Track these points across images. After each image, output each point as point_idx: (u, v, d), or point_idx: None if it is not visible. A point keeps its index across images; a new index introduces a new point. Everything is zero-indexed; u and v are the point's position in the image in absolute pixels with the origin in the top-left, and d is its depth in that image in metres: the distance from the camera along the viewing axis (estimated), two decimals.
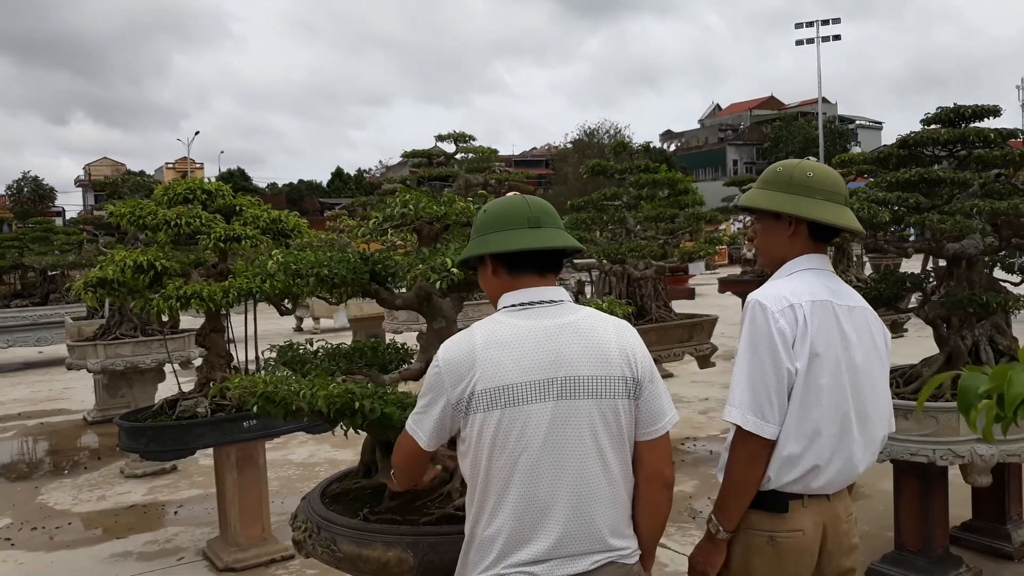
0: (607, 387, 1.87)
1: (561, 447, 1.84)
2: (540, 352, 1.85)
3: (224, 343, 4.94)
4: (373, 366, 2.86)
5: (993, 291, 4.17)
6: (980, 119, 4.27)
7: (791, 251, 2.23)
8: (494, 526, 1.85)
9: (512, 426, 1.83)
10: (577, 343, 1.88)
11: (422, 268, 2.37)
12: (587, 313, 1.96)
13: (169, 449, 4.53)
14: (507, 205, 2.01)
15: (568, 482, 1.84)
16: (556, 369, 1.85)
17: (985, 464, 3.83)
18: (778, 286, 2.16)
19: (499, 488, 1.84)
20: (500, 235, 1.96)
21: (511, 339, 1.87)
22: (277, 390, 2.23)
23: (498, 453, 1.84)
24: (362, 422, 2.20)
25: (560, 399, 1.84)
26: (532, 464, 1.82)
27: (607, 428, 1.87)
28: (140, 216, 4.64)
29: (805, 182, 2.18)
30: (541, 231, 1.95)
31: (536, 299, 1.94)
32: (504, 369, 1.84)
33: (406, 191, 2.66)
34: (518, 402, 1.83)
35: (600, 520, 1.87)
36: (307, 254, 2.68)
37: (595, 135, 41.70)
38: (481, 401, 1.84)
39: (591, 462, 1.86)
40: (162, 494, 6.44)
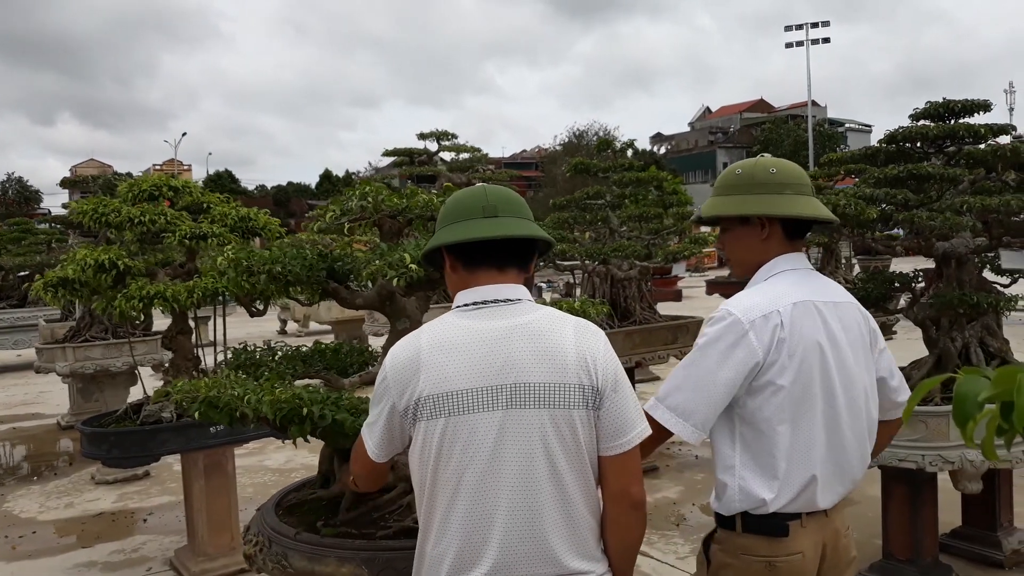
0: (562, 396, 1.70)
1: (509, 461, 1.68)
2: (488, 356, 1.70)
3: (191, 345, 4.77)
4: (332, 369, 2.70)
5: (984, 291, 4.05)
6: (970, 114, 4.15)
7: (767, 254, 2.09)
8: (442, 545, 1.70)
9: (457, 437, 1.68)
10: (529, 346, 1.71)
11: (379, 264, 2.22)
12: (544, 313, 1.79)
13: (132, 456, 4.36)
14: (463, 195, 1.86)
15: (517, 499, 1.68)
16: (505, 375, 1.69)
17: (975, 471, 3.70)
18: (754, 294, 2.02)
19: (445, 503, 1.69)
20: (453, 227, 1.81)
21: (458, 342, 1.71)
22: (220, 395, 2.07)
23: (443, 465, 1.69)
24: (312, 429, 2.05)
25: (509, 408, 1.68)
26: (479, 479, 1.67)
27: (562, 441, 1.70)
28: (103, 213, 4.47)
29: (770, 179, 2.05)
30: (496, 220, 1.78)
31: (490, 297, 1.77)
32: (448, 374, 1.69)
33: (366, 183, 2.50)
34: (463, 410, 1.67)
35: (555, 541, 1.69)
36: (261, 250, 2.52)
37: (584, 137, 41.59)
38: (425, 408, 1.69)
39: (542, 478, 1.69)
40: (132, 501, 6.25)
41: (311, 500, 2.51)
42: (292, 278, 2.43)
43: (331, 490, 2.47)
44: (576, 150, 39.09)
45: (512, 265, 1.82)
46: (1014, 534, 4.45)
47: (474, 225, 1.78)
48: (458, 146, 9.08)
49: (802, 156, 52.35)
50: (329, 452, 2.59)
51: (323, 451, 2.62)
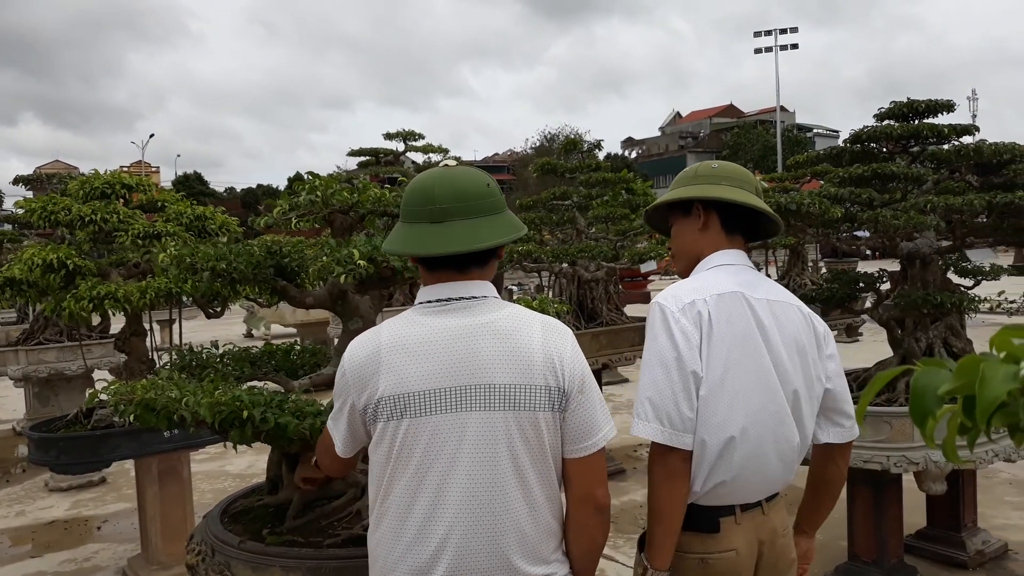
0: (527, 397, 1.63)
1: (472, 464, 1.61)
2: (450, 355, 1.62)
3: (145, 348, 4.63)
4: (282, 371, 2.60)
5: (948, 292, 4.04)
6: (934, 114, 4.14)
7: (704, 246, 2.08)
8: (397, 551, 1.62)
9: (418, 438, 1.60)
10: (493, 346, 1.64)
11: (326, 261, 2.12)
12: (510, 312, 1.71)
13: (82, 461, 4.21)
14: (413, 189, 1.74)
15: (479, 503, 1.61)
16: (468, 376, 1.62)
17: (940, 471, 3.68)
18: (682, 284, 2.00)
19: (403, 506, 1.62)
20: (401, 231, 1.72)
21: (418, 340, 1.64)
22: (157, 398, 1.97)
23: (403, 467, 1.62)
24: (253, 433, 1.95)
25: (473, 410, 1.61)
26: (439, 482, 1.60)
27: (527, 444, 1.63)
28: (52, 212, 4.33)
29: (710, 172, 2.08)
30: (444, 228, 1.66)
31: (455, 295, 1.69)
32: (409, 374, 1.61)
33: (316, 177, 2.41)
34: (424, 412, 1.60)
35: (515, 546, 1.63)
36: (205, 247, 2.42)
37: (555, 140, 41.63)
38: (384, 409, 1.63)
39: (506, 482, 1.62)
40: (87, 508, 6.07)
41: (258, 507, 2.40)
42: (237, 275, 2.33)
43: (278, 496, 2.37)
44: (547, 153, 39.14)
45: (472, 265, 1.73)
46: (978, 535, 4.45)
47: (420, 233, 1.68)
48: (426, 146, 8.98)
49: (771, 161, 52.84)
50: (277, 457, 2.49)
51: (271, 456, 2.52)
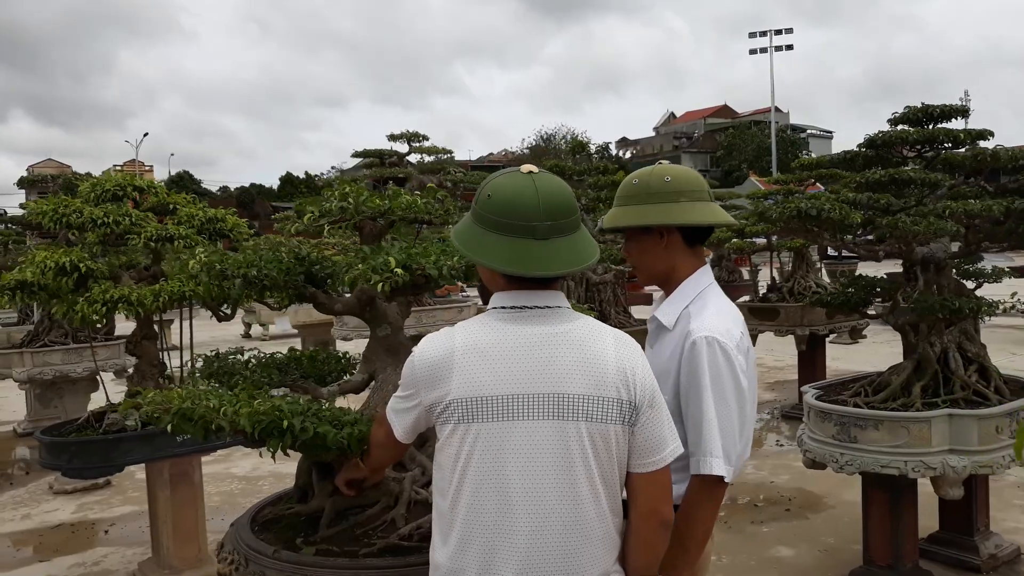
0: (599, 409, 1.63)
1: (543, 473, 1.60)
2: (525, 362, 1.62)
3: (156, 351, 4.61)
4: (310, 378, 2.59)
5: (962, 296, 4.05)
6: (948, 119, 4.16)
7: (670, 262, 2.15)
8: (464, 558, 1.61)
9: (489, 445, 1.60)
10: (569, 355, 1.64)
11: (362, 269, 2.11)
12: (584, 322, 1.72)
13: (94, 466, 4.19)
14: (513, 199, 1.67)
15: (548, 513, 1.61)
16: (543, 383, 1.61)
17: (957, 476, 3.69)
18: (716, 317, 2.05)
19: (471, 514, 1.61)
20: (499, 243, 1.66)
21: (495, 345, 1.63)
22: (194, 407, 1.95)
23: (472, 474, 1.61)
24: (292, 442, 1.94)
25: (546, 418, 1.61)
26: (509, 491, 1.60)
27: (596, 455, 1.63)
28: (64, 214, 4.30)
29: (665, 188, 2.10)
30: (548, 246, 1.64)
31: (529, 303, 1.69)
32: (483, 379, 1.61)
33: (345, 183, 2.40)
34: (496, 417, 1.60)
35: (584, 559, 1.64)
36: (235, 254, 2.41)
37: (552, 140, 41.64)
38: (455, 412, 1.62)
39: (580, 494, 1.62)
40: (93, 511, 6.04)
41: (288, 515, 2.39)
42: (268, 283, 2.32)
43: (310, 505, 2.36)
44: (543, 154, 39.15)
45: (557, 280, 1.74)
46: (990, 538, 4.46)
47: (525, 250, 1.64)
48: (430, 148, 8.96)
49: (765, 161, 53.03)
50: (307, 465, 2.47)
51: (300, 464, 2.50)
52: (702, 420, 1.94)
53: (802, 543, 4.85)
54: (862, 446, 3.77)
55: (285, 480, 6.80)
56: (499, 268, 1.66)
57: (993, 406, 3.80)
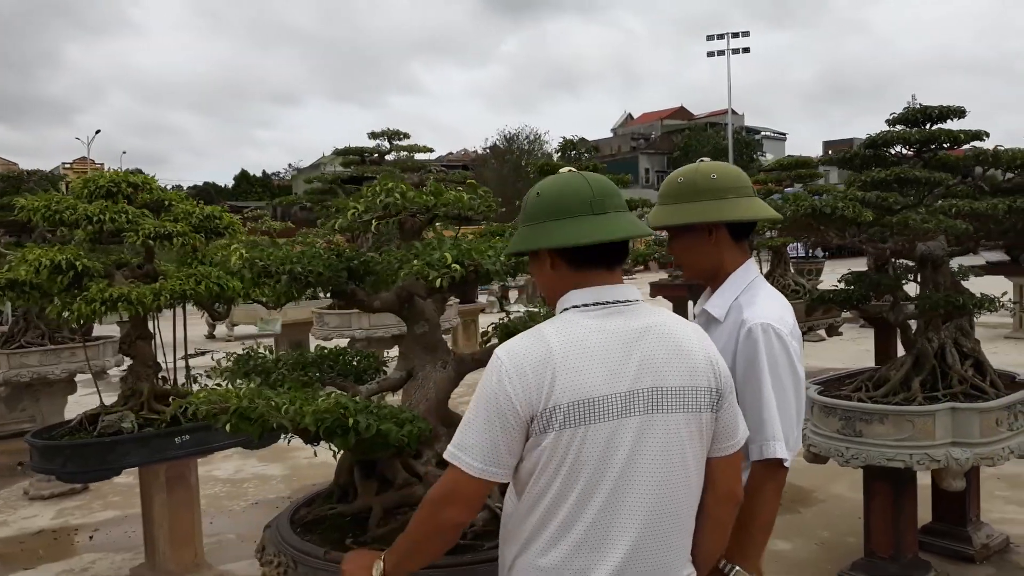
0: (694, 399, 1.65)
1: (646, 469, 1.60)
2: (627, 358, 1.61)
3: (151, 351, 4.50)
4: (348, 376, 2.55)
5: (958, 293, 4.15)
6: (944, 120, 4.25)
7: (718, 257, 2.17)
8: (553, 555, 1.60)
9: (594, 446, 1.58)
10: (663, 348, 1.64)
11: (418, 265, 2.09)
12: (667, 315, 1.73)
13: (91, 470, 4.07)
14: (564, 187, 1.72)
15: (653, 509, 1.61)
16: (642, 378, 1.61)
17: (960, 468, 3.78)
18: (769, 305, 2.08)
19: (570, 514, 1.59)
20: (558, 225, 1.67)
21: (593, 343, 1.61)
22: (254, 406, 1.91)
23: (575, 476, 1.58)
24: (355, 441, 1.90)
25: (646, 413, 1.61)
26: (613, 489, 1.59)
27: (692, 445, 1.66)
28: (57, 211, 4.17)
29: (712, 185, 2.12)
30: (607, 218, 1.68)
31: (610, 298, 1.68)
32: (589, 379, 1.58)
33: (387, 178, 2.37)
34: (603, 417, 1.58)
35: (682, 550, 1.67)
36: (274, 250, 2.36)
37: (515, 140, 41.67)
38: (558, 417, 1.57)
39: (677, 485, 1.64)
40: (74, 517, 5.88)
41: (331, 516, 2.35)
42: (313, 279, 2.27)
43: (355, 504, 2.32)
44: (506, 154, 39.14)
45: (617, 262, 1.75)
46: (982, 528, 4.58)
47: (583, 225, 1.66)
48: (410, 146, 8.90)
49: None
50: (348, 463, 2.44)
51: (342, 462, 2.46)
52: (761, 406, 1.96)
53: (797, 537, 4.93)
54: (867, 440, 3.84)
55: (270, 482, 6.72)
56: (559, 244, 1.66)
57: (992, 399, 3.90)
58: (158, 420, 4.28)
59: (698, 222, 2.12)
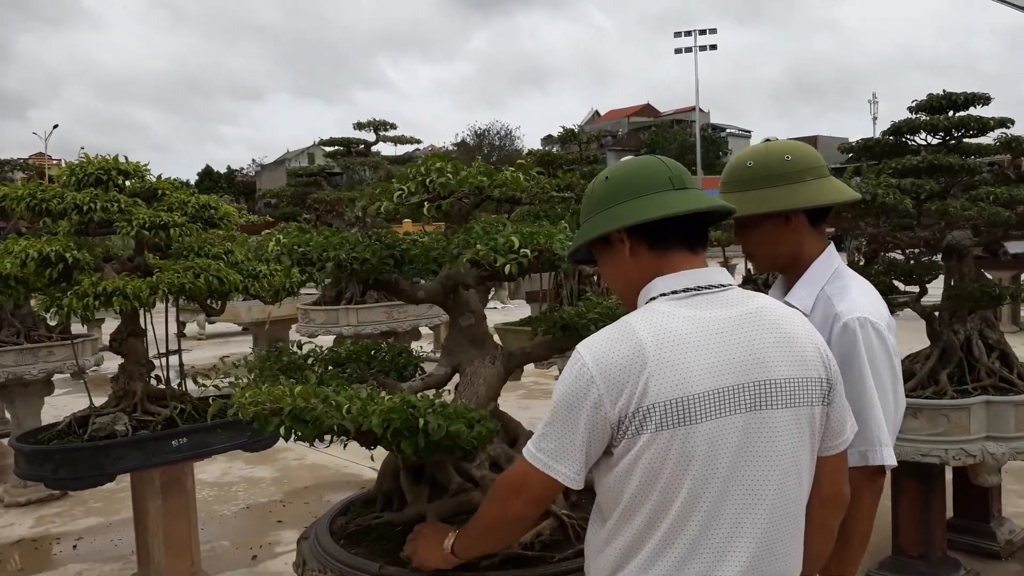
0: (805, 391, 1.48)
1: (755, 471, 1.43)
2: (728, 349, 1.43)
3: (144, 349, 4.25)
4: (388, 372, 2.36)
5: (983, 284, 4.06)
6: (966, 108, 4.16)
7: (797, 245, 1.99)
8: (657, 570, 1.42)
9: (697, 448, 1.39)
10: (769, 337, 1.47)
11: (483, 250, 1.90)
12: (767, 300, 1.55)
13: (83, 476, 3.80)
14: (638, 166, 1.58)
15: (766, 517, 1.45)
16: (749, 371, 1.43)
17: (996, 463, 3.69)
18: (863, 297, 1.91)
19: (674, 524, 1.41)
20: (638, 203, 1.51)
21: (689, 334, 1.43)
22: (310, 406, 1.71)
23: (677, 483, 1.40)
24: (424, 444, 1.71)
25: (753, 410, 1.43)
26: (719, 495, 1.41)
27: (802, 443, 1.49)
28: (43, 200, 3.91)
29: (787, 168, 1.93)
30: (690, 193, 1.53)
31: (702, 283, 1.50)
32: (688, 374, 1.40)
33: (436, 158, 2.18)
34: (705, 416, 1.40)
35: (792, 560, 1.51)
36: (311, 236, 2.16)
37: (485, 136, 41.43)
38: (654, 417, 1.38)
39: (791, 488, 1.47)
40: (54, 525, 5.58)
41: (378, 526, 2.15)
42: (359, 266, 2.08)
43: (405, 513, 2.13)
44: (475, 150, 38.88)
45: (702, 246, 1.58)
46: (1004, 524, 4.51)
47: (667, 198, 1.51)
48: (398, 137, 8.67)
49: (688, 160, 54.06)
50: (393, 469, 2.24)
51: (385, 466, 2.27)
52: (863, 408, 1.80)
53: None
54: (901, 435, 3.72)
55: (260, 485, 6.47)
56: (643, 218, 1.49)
57: (1023, 392, 3.82)
58: (153, 422, 4.04)
59: (779, 210, 1.93)
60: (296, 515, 5.63)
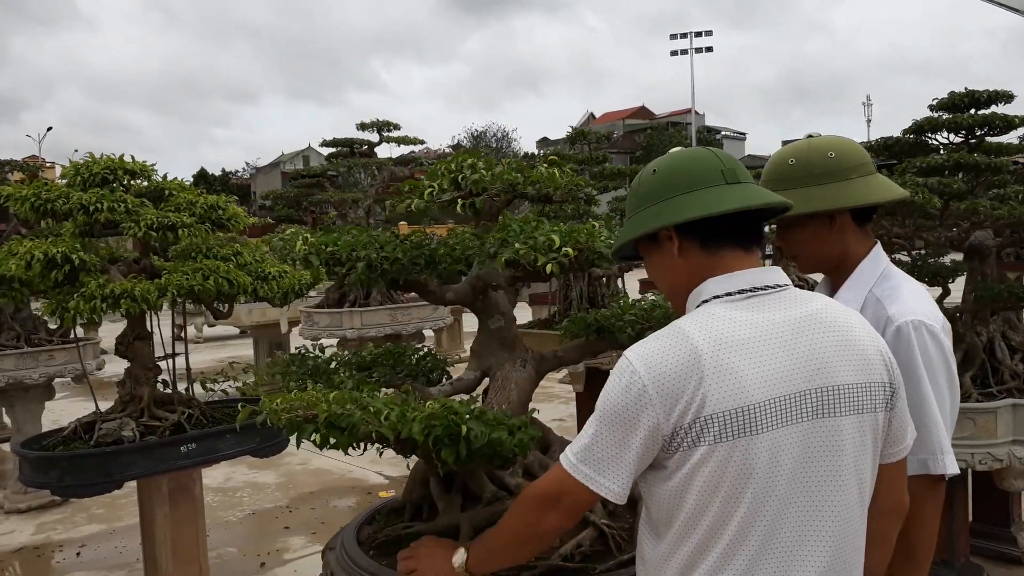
0: (869, 397, 1.41)
1: (817, 483, 1.35)
2: (791, 355, 1.35)
3: (151, 353, 4.16)
4: (417, 377, 2.28)
5: (1005, 284, 4.00)
6: (989, 105, 4.10)
7: (842, 246, 1.92)
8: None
9: (757, 460, 1.31)
10: (831, 341, 1.39)
11: (523, 249, 1.82)
12: (827, 301, 1.47)
13: (91, 483, 3.71)
14: (689, 159, 1.49)
15: (833, 531, 1.37)
16: (812, 378, 1.35)
17: (1023, 467, 3.62)
18: (915, 298, 1.83)
19: (733, 538, 1.33)
20: (690, 197, 1.43)
21: (748, 339, 1.34)
22: (347, 412, 1.62)
23: (737, 497, 1.32)
24: (467, 452, 1.63)
25: (816, 418, 1.35)
26: (780, 507, 1.33)
27: (865, 452, 1.41)
28: (48, 200, 3.81)
29: (831, 165, 1.87)
30: (744, 188, 1.44)
31: (757, 284, 1.42)
32: (748, 382, 1.31)
33: (466, 155, 2.11)
34: (766, 426, 1.32)
35: (855, 572, 1.43)
36: (339, 235, 2.08)
37: (483, 139, 41.35)
38: (712, 428, 1.30)
39: (852, 499, 1.39)
40: (56, 532, 5.48)
41: (408, 536, 2.07)
42: (389, 266, 2.00)
43: (437, 523, 2.05)
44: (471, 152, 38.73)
45: (757, 245, 1.49)
46: None
47: (721, 193, 1.43)
48: (401, 137, 8.58)
49: None
50: (421, 476, 2.16)
51: (415, 474, 2.19)
52: (922, 414, 1.73)
53: None
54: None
55: (265, 490, 6.37)
56: (707, 211, 1.40)
57: None
58: (160, 427, 3.96)
59: (824, 210, 1.86)
60: (303, 521, 5.54)
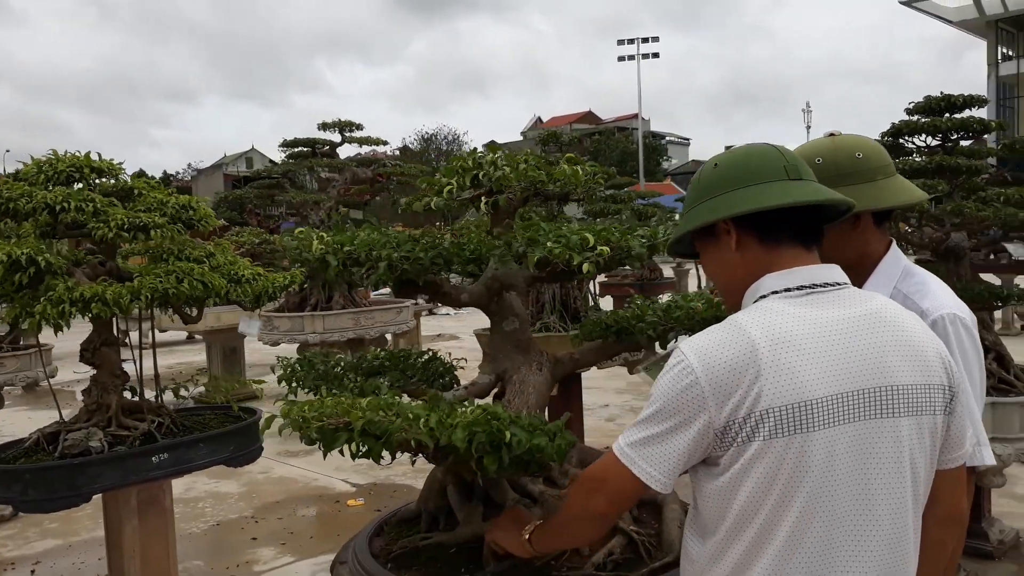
0: (928, 400, 1.39)
1: (873, 484, 1.33)
2: (848, 352, 1.33)
3: (118, 359, 3.97)
4: (431, 381, 2.20)
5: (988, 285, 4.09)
6: (964, 109, 4.18)
7: (863, 245, 1.91)
8: None
9: (813, 457, 1.29)
10: (889, 339, 1.37)
11: (558, 248, 1.76)
12: (885, 300, 1.46)
13: (58, 496, 3.50)
14: (750, 153, 1.47)
15: (883, 530, 1.35)
16: (870, 376, 1.33)
17: (1002, 464, 3.69)
18: (946, 292, 1.83)
19: (787, 538, 1.31)
20: (750, 191, 1.41)
21: (806, 335, 1.32)
22: (382, 420, 1.54)
23: (791, 495, 1.29)
24: (508, 459, 1.56)
25: (874, 417, 1.33)
26: (835, 507, 1.31)
27: (923, 455, 1.39)
28: (10, 199, 3.62)
29: (858, 166, 1.85)
30: (806, 184, 1.43)
31: (816, 280, 1.40)
32: (805, 378, 1.29)
33: (495, 149, 2.04)
34: (823, 423, 1.30)
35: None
36: (356, 235, 1.99)
37: (433, 141, 41.15)
38: (766, 423, 1.28)
39: (907, 504, 1.37)
40: (7, 548, 5.22)
41: (427, 547, 1.99)
42: (409, 266, 1.92)
43: (458, 533, 1.97)
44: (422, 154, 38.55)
45: (816, 241, 1.47)
46: (994, 524, 4.53)
47: (782, 188, 1.41)
48: (363, 138, 8.42)
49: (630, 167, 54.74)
50: (439, 485, 2.08)
51: (431, 483, 2.11)
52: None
53: None
54: None
55: (227, 500, 6.17)
56: (767, 204, 1.39)
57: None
58: (129, 437, 3.78)
59: (871, 209, 1.83)
60: (271, 532, 5.37)
